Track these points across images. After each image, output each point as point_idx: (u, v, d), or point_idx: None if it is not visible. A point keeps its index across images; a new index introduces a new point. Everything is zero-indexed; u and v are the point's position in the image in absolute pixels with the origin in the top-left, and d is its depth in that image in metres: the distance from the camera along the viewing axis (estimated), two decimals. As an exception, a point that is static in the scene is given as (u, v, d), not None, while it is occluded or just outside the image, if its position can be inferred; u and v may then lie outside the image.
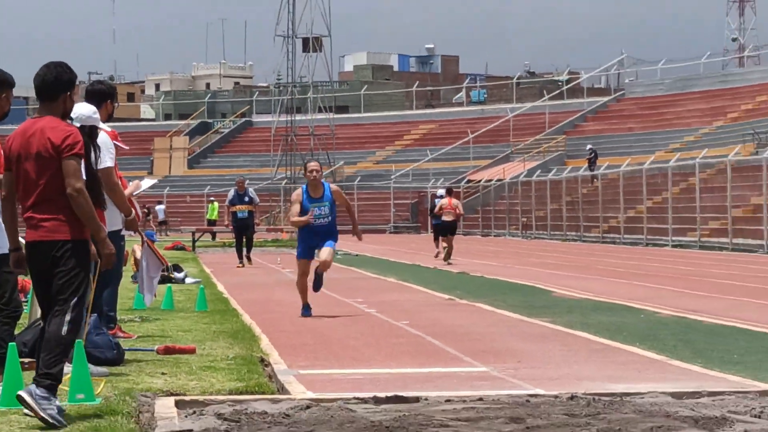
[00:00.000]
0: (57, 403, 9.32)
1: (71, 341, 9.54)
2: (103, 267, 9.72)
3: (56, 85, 9.76)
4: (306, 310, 19.91)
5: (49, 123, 9.64)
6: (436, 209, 41.63)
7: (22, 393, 9.26)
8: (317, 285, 20.12)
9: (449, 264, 38.29)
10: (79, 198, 9.44)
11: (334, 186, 20.29)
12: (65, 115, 9.95)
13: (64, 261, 9.55)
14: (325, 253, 19.41)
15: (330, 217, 19.40)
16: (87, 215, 9.52)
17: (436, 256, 41.59)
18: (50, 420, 9.10)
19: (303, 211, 19.21)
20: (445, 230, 41.12)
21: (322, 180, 19.80)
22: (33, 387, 9.30)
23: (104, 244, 9.72)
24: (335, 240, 19.65)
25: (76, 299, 9.54)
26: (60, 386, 10.09)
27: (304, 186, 19.58)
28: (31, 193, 9.61)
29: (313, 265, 19.92)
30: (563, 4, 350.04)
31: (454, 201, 42.16)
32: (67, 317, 9.44)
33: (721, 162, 57.41)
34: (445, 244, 40.77)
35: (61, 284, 9.54)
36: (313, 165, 19.60)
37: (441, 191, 45.53)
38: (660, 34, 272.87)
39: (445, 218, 40.91)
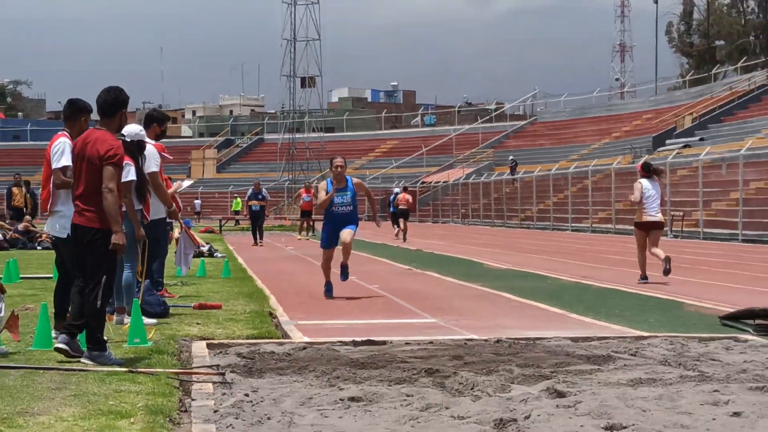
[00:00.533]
0: (107, 352, 9.24)
1: (104, 310, 9.37)
2: (111, 253, 9.35)
3: (115, 104, 9.58)
4: (329, 290, 16.67)
5: (102, 136, 9.44)
6: (395, 202, 44.05)
7: (83, 359, 9.12)
8: (344, 275, 16.77)
9: (406, 242, 38.89)
10: (108, 195, 9.18)
11: (356, 179, 16.68)
12: (120, 128, 9.82)
13: (96, 247, 9.29)
14: (345, 233, 16.17)
15: (351, 206, 16.25)
16: (111, 210, 9.21)
17: (396, 235, 42.87)
18: (114, 364, 9.04)
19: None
20: (400, 215, 43.09)
21: (345, 175, 16.46)
22: (87, 353, 9.17)
23: (117, 236, 9.26)
24: (356, 225, 16.50)
25: (105, 277, 9.31)
26: (121, 331, 10.04)
27: (329, 179, 16.45)
28: (80, 185, 9.42)
29: (337, 257, 16.62)
30: (494, 53, 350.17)
31: (407, 196, 44.39)
32: (100, 292, 9.23)
33: (607, 169, 57.57)
34: (402, 227, 42.30)
35: (93, 266, 9.30)
36: (338, 161, 16.29)
37: (397, 189, 47.84)
38: (563, 74, 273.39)
39: (401, 207, 43.23)
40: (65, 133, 10.70)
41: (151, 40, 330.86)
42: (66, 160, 10.44)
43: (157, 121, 14.16)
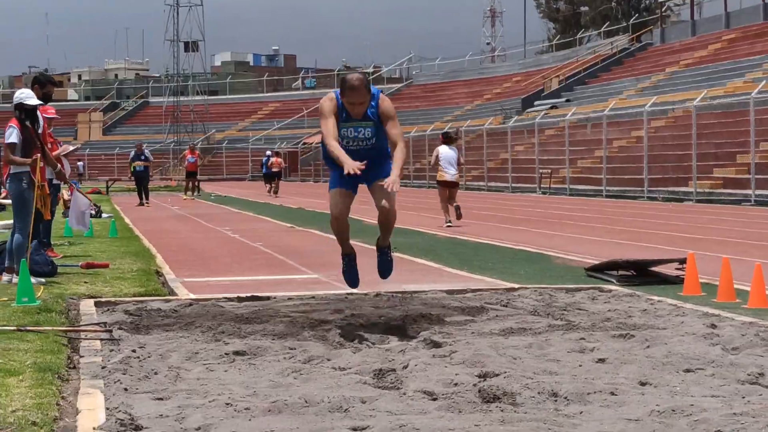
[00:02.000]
0: None
1: None
2: None
3: None
4: (349, 272, 10.02)
5: None
6: (269, 164, 48.44)
7: None
8: (384, 267, 10.08)
9: (278, 197, 42.83)
10: None
11: (385, 101, 9.18)
12: None
13: None
14: (381, 191, 9.12)
15: (373, 141, 9.05)
16: None
17: (269, 191, 47.03)
18: None
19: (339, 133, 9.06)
20: (272, 176, 47.90)
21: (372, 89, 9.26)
22: None
23: None
24: (387, 171, 8.81)
25: None
26: (10, 291, 9.81)
27: (337, 91, 9.56)
28: None
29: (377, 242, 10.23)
30: (369, 18, 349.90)
31: (279, 159, 49.54)
32: None
33: (479, 129, 58.11)
34: (274, 185, 47.26)
35: None
36: (353, 80, 9.43)
37: (269, 152, 51.12)
38: (437, 38, 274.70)
39: (273, 170, 47.91)
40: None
41: (36, 4, 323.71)
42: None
43: (38, 83, 13.89)
